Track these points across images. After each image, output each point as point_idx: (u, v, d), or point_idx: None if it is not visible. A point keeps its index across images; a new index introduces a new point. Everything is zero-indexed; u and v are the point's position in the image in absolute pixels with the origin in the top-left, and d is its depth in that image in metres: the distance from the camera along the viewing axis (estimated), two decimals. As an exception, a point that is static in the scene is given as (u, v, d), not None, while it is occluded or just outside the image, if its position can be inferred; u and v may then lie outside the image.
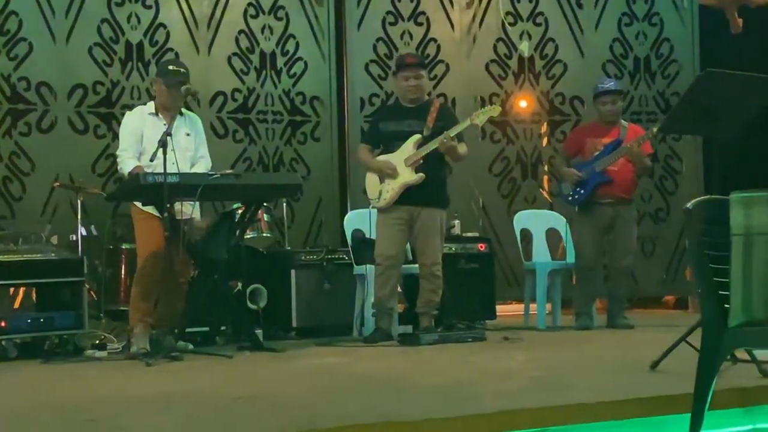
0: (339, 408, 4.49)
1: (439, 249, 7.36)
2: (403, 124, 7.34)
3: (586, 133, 8.38)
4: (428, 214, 7.27)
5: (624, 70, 10.32)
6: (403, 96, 7.48)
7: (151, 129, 6.66)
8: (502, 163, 10.08)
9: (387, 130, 7.41)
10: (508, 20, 10.15)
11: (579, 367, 5.85)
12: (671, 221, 10.09)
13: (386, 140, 7.40)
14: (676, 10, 10.45)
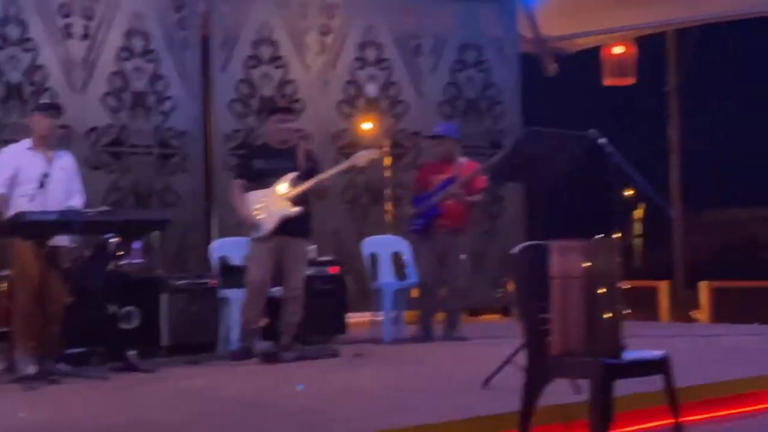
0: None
1: (303, 276, 7.33)
2: (274, 163, 7.28)
3: (429, 170, 8.50)
4: (296, 244, 7.26)
5: (457, 110, 10.45)
6: (273, 137, 7.44)
7: (29, 164, 6.43)
8: (351, 192, 10.07)
9: (259, 167, 7.33)
10: (356, 65, 10.16)
11: (420, 385, 5.86)
12: (497, 240, 10.22)
13: (258, 177, 7.30)
14: (500, 58, 10.63)
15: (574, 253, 4.24)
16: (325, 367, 6.84)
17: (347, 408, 5.10)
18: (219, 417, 4.95)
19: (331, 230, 9.77)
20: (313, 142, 9.64)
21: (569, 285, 4.22)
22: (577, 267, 4.22)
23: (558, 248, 4.30)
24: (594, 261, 4.20)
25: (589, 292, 4.18)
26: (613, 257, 4.28)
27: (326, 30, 10.11)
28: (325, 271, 8.45)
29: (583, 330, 4.18)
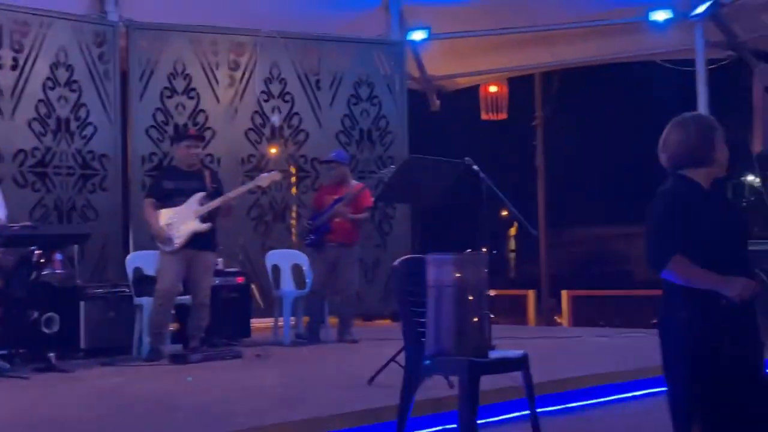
0: (122, 428, 4.34)
1: (209, 284, 7.28)
2: (182, 184, 7.25)
3: (325, 192, 8.58)
4: (204, 256, 7.22)
5: (352, 139, 10.49)
6: (183, 161, 7.41)
7: None
8: (257, 210, 10.04)
9: (169, 188, 7.29)
10: (262, 97, 10.15)
11: (313, 383, 5.88)
12: (388, 253, 10.28)
13: (169, 196, 7.26)
14: (390, 94, 10.71)
15: (447, 265, 4.32)
16: (229, 367, 6.81)
17: (247, 403, 5.10)
18: (131, 412, 4.90)
19: (239, 244, 9.70)
20: (223, 165, 9.70)
21: (443, 293, 4.30)
22: (450, 277, 4.30)
23: (433, 260, 4.38)
24: (464, 272, 4.29)
25: (460, 299, 4.26)
26: (481, 269, 4.37)
27: (235, 66, 10.06)
28: (232, 280, 8.43)
29: (455, 332, 4.26)
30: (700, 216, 3.39)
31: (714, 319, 3.31)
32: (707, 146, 3.47)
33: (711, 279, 3.30)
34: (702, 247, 3.35)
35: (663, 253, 3.35)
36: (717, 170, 3.51)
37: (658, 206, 3.44)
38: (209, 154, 9.74)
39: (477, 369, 4.21)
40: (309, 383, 5.86)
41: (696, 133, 3.49)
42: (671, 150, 3.51)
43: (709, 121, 3.57)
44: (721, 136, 3.51)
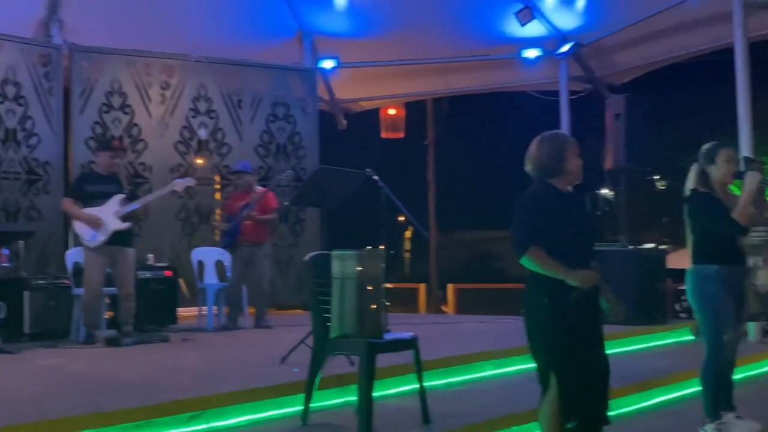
0: (61, 403, 4.25)
1: (133, 277, 7.12)
2: (103, 187, 7.05)
3: (234, 198, 8.49)
4: (125, 252, 7.03)
5: (270, 152, 10.44)
6: (104, 167, 7.21)
7: None
8: (184, 211, 9.90)
9: (91, 190, 7.07)
10: (190, 114, 10.02)
11: (233, 362, 5.84)
12: (300, 251, 10.24)
13: (89, 197, 7.04)
14: (303, 113, 10.71)
15: (350, 260, 4.36)
16: (158, 349, 6.71)
17: (173, 380, 5.04)
18: (70, 388, 4.80)
19: (168, 242, 9.56)
20: (154, 173, 9.59)
21: (346, 284, 4.33)
22: (352, 270, 4.34)
23: (338, 256, 4.41)
24: (364, 266, 4.33)
25: (360, 289, 4.31)
26: (379, 263, 4.41)
27: (166, 86, 9.90)
28: (161, 274, 8.29)
29: (356, 318, 4.30)
30: (556, 215, 3.59)
31: (568, 302, 3.50)
32: (559, 159, 3.64)
33: (561, 269, 3.49)
34: (558, 241, 3.53)
35: (523, 243, 3.53)
36: (571, 179, 3.68)
37: (522, 204, 3.61)
38: (142, 162, 9.65)
39: (374, 348, 4.26)
40: (229, 363, 5.82)
41: (550, 149, 3.66)
42: (532, 162, 3.68)
43: (562, 138, 3.73)
44: (573, 151, 3.66)
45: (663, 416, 5.12)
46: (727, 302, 4.49)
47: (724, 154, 4.64)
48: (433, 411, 4.47)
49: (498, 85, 12.35)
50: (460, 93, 13.38)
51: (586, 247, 3.66)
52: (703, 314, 4.54)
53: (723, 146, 4.70)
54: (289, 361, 5.48)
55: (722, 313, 4.48)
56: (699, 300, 4.54)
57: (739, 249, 4.63)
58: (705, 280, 4.52)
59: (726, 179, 4.65)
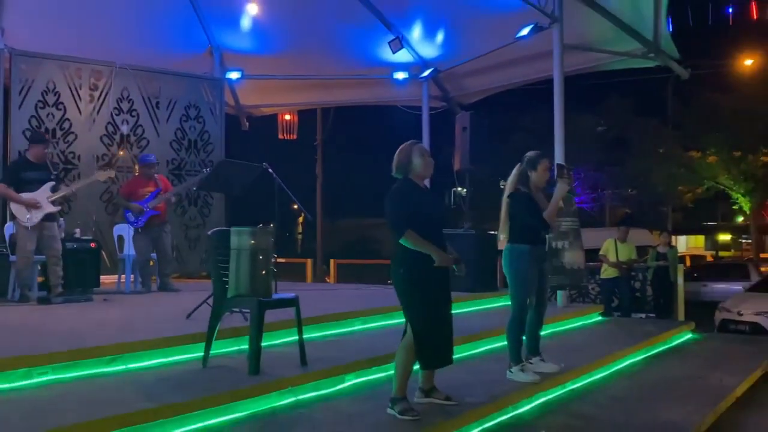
0: None
1: (59, 244, 6.91)
2: (36, 175, 6.83)
3: (136, 183, 8.18)
4: (52, 226, 6.84)
5: (182, 146, 10.30)
6: (36, 157, 6.96)
7: None
8: (107, 194, 9.66)
9: (27, 177, 6.83)
10: (114, 112, 9.77)
11: (147, 318, 5.81)
12: (206, 230, 10.14)
13: (25, 184, 6.80)
14: (212, 115, 10.61)
15: (245, 235, 4.45)
16: (83, 307, 6.58)
17: (96, 331, 5.00)
18: (9, 338, 4.69)
19: (93, 220, 9.31)
20: (82, 162, 9.32)
21: (241, 254, 4.43)
22: (246, 243, 4.43)
23: (236, 231, 4.49)
24: (257, 240, 4.43)
25: (253, 258, 4.41)
26: (268, 238, 4.51)
27: (94, 87, 9.62)
28: (87, 245, 8.05)
29: (248, 281, 4.40)
30: (417, 205, 3.82)
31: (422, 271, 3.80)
32: (408, 161, 3.89)
33: (430, 248, 3.76)
34: (421, 225, 3.78)
35: (400, 227, 3.75)
36: (422, 176, 3.94)
37: (391, 198, 3.84)
38: (72, 152, 9.38)
39: (263, 305, 4.36)
40: (143, 318, 5.79)
41: (405, 154, 3.91)
42: (394, 164, 3.92)
43: (412, 145, 3.98)
44: (420, 154, 3.92)
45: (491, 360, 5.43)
46: (533, 274, 4.81)
47: (544, 164, 4.93)
48: (310, 356, 4.60)
49: (374, 100, 12.59)
50: (344, 104, 13.55)
51: (440, 231, 3.92)
52: (514, 282, 4.83)
53: (544, 156, 4.99)
54: (195, 317, 5.50)
55: (528, 282, 4.80)
56: (513, 270, 4.83)
57: (543, 235, 4.96)
58: (518, 256, 4.83)
59: (542, 183, 4.96)
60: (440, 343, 3.89)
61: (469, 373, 4.95)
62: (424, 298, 3.82)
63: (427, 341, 3.83)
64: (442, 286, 3.92)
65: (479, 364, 5.39)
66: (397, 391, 3.89)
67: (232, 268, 4.40)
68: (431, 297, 3.85)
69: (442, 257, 3.77)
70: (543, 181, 4.92)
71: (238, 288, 4.40)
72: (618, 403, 4.77)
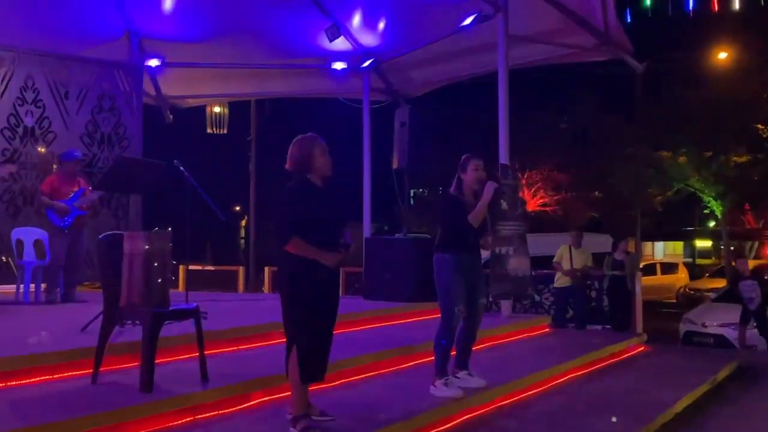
0: None
1: None
2: None
3: (59, 181, 8.01)
4: None
5: (95, 140, 10.20)
6: None
7: None
8: (8, 195, 9.52)
9: None
10: (17, 102, 9.63)
11: (37, 330, 5.72)
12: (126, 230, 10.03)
13: None
14: (128, 106, 10.53)
15: (139, 239, 4.47)
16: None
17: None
18: None
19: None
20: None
21: (135, 260, 4.44)
22: (141, 248, 4.45)
23: (128, 235, 4.50)
24: (152, 245, 4.45)
25: (147, 264, 4.43)
26: (166, 243, 4.53)
27: (-6, 75, 9.50)
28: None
29: (143, 289, 4.42)
30: (312, 205, 3.88)
31: (309, 275, 3.85)
32: (309, 157, 3.95)
33: (316, 253, 3.80)
34: (313, 226, 3.84)
35: (285, 236, 3.81)
36: (321, 173, 3.99)
37: (280, 199, 3.88)
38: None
39: (158, 316, 4.38)
40: (34, 331, 5.71)
41: (300, 149, 3.97)
42: (290, 158, 3.98)
43: (311, 139, 4.03)
44: (321, 150, 3.98)
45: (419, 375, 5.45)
46: (458, 284, 4.91)
47: (473, 164, 5.07)
48: (216, 372, 4.63)
49: (312, 92, 12.63)
50: (279, 96, 13.57)
51: (335, 231, 4.00)
52: (440, 293, 4.97)
53: (473, 157, 5.13)
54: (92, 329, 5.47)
55: (454, 292, 4.92)
56: (436, 280, 4.98)
57: (472, 243, 5.05)
58: (441, 265, 4.95)
59: (474, 185, 5.08)
60: (319, 358, 3.93)
61: (390, 389, 5.04)
62: (307, 308, 3.86)
63: (309, 354, 3.87)
64: (328, 295, 3.97)
65: (404, 379, 5.48)
66: (297, 409, 3.95)
67: (125, 276, 4.41)
68: (315, 307, 3.89)
69: (328, 258, 3.84)
70: (475, 183, 5.04)
71: (130, 297, 4.41)
72: (545, 418, 4.92)
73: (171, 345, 5.07)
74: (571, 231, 11.27)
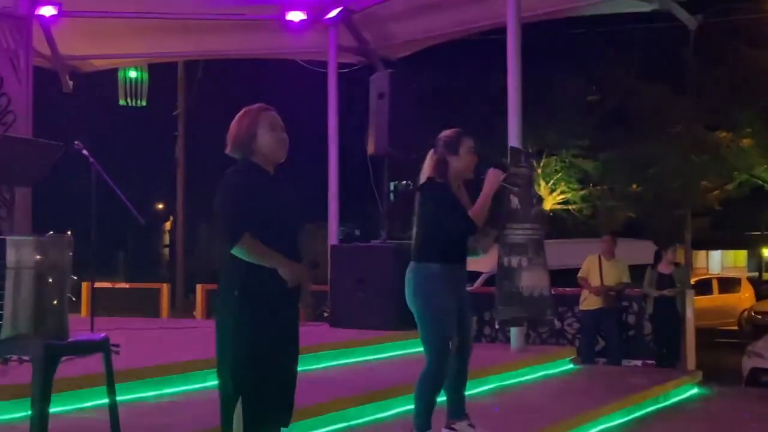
0: None
1: None
2: None
3: None
4: None
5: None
6: None
7: None
8: None
9: None
10: None
11: None
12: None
13: None
14: (14, 70, 10.36)
15: (28, 247, 4.37)
16: None
17: None
18: None
19: None
20: None
21: (22, 274, 4.34)
22: (30, 259, 4.35)
23: (13, 242, 4.40)
24: (46, 255, 4.35)
25: (39, 281, 4.33)
26: (65, 252, 4.44)
27: None
28: None
29: (32, 315, 4.32)
30: (265, 198, 3.79)
31: (266, 296, 3.73)
32: (253, 136, 3.85)
33: (277, 259, 3.72)
34: (265, 230, 3.76)
35: (236, 231, 3.72)
36: (271, 158, 3.89)
37: (225, 189, 3.78)
38: None
39: (53, 351, 4.26)
40: None
41: (243, 125, 3.88)
42: (230, 137, 3.89)
43: (256, 112, 3.92)
44: (269, 126, 3.88)
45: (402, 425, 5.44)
46: (450, 304, 4.83)
47: (467, 144, 4.99)
48: (129, 424, 4.56)
49: (260, 51, 12.55)
50: (215, 57, 13.49)
51: (294, 241, 3.92)
52: (423, 318, 4.84)
53: (466, 135, 5.06)
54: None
55: (446, 318, 4.82)
56: (420, 301, 4.85)
57: (463, 251, 4.98)
58: (427, 280, 4.85)
59: (467, 172, 5.02)
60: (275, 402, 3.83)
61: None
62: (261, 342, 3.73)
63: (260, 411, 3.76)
64: (286, 323, 3.89)
65: None
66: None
67: (8, 296, 4.32)
68: (270, 340, 3.76)
69: (293, 270, 3.73)
70: (469, 169, 4.98)
71: (15, 325, 4.32)
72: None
73: (71, 388, 4.98)
74: (603, 237, 11.31)
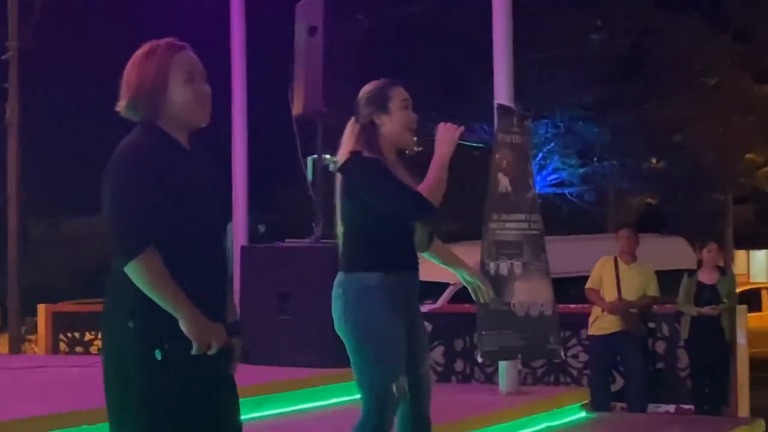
0: None
1: None
2: None
3: None
4: None
5: None
6: None
7: None
8: None
9: None
10: None
11: None
12: None
13: None
14: None
15: None
16: None
17: None
18: None
19: None
20: None
21: None
22: None
23: None
24: None
25: None
26: None
27: None
28: None
29: None
30: (178, 184, 3.58)
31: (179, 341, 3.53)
32: (159, 89, 3.66)
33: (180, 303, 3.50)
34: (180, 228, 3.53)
35: (139, 241, 3.47)
36: (185, 120, 3.70)
37: (123, 175, 3.53)
38: None
39: None
40: None
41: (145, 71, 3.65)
42: (124, 94, 3.69)
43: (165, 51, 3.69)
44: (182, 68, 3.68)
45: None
46: (397, 330, 4.76)
47: (399, 96, 4.95)
48: None
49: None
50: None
51: (216, 237, 3.71)
52: (358, 351, 4.75)
53: (396, 84, 4.98)
54: None
55: (389, 349, 4.73)
56: (354, 328, 4.75)
57: (413, 250, 4.94)
58: (361, 295, 4.76)
59: (405, 136, 4.94)
60: None
61: None
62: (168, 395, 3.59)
63: None
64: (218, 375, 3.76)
65: None
66: None
67: None
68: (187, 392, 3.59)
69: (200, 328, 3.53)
70: (406, 132, 4.93)
71: None
72: None
73: None
74: (619, 232, 11.32)
